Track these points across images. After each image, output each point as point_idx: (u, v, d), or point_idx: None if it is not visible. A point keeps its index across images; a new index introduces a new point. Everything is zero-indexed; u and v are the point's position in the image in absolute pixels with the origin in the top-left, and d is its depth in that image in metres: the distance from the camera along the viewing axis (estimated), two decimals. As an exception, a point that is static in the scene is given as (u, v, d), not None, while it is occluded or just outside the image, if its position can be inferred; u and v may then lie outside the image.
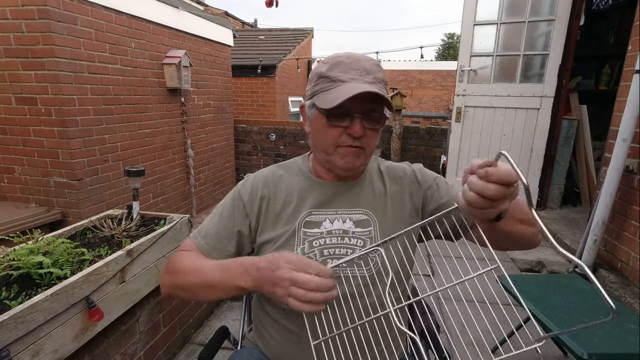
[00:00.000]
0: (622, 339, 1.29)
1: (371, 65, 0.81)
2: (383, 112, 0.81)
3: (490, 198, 0.53)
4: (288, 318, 0.84)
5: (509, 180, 0.52)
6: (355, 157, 0.82)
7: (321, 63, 0.84)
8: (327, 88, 0.79)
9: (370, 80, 0.78)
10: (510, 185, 0.52)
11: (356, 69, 0.79)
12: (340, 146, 0.81)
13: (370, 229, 0.85)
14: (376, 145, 0.87)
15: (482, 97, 3.67)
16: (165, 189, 3.77)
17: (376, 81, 0.79)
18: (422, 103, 15.00)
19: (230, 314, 2.21)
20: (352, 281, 0.81)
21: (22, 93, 2.58)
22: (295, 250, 0.82)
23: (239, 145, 5.66)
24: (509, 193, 0.53)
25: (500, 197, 0.53)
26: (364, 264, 0.82)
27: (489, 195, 0.52)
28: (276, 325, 0.86)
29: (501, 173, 0.52)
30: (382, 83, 0.81)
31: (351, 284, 0.81)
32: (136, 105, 3.28)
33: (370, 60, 0.82)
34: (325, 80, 0.80)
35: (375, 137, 0.83)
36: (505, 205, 0.55)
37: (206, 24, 4.26)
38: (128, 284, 1.42)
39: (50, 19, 2.43)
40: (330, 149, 0.82)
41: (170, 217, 1.78)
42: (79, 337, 1.20)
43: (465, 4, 3.56)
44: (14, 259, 1.23)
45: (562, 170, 3.60)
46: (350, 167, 0.83)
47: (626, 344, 1.26)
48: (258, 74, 6.96)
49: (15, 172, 2.76)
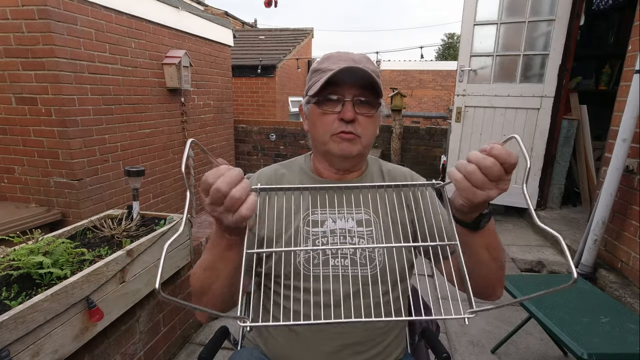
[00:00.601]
0: (622, 339, 1.29)
1: (360, 57, 0.85)
2: (375, 98, 0.83)
3: (485, 172, 0.53)
4: (288, 317, 0.84)
5: (508, 160, 0.52)
6: (350, 144, 0.82)
7: (314, 63, 0.88)
8: (317, 79, 0.82)
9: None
10: (507, 165, 0.53)
11: (345, 60, 0.82)
12: (335, 134, 0.82)
13: (371, 229, 0.85)
14: (374, 136, 0.88)
15: (482, 97, 3.67)
16: (165, 189, 3.77)
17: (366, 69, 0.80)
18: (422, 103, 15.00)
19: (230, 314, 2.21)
20: (352, 280, 0.81)
21: (22, 93, 2.58)
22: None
23: (239, 146, 5.66)
24: (503, 175, 0.53)
25: (495, 176, 0.53)
26: (368, 263, 0.83)
27: (485, 166, 0.53)
28: (277, 310, 0.85)
29: (502, 151, 0.53)
30: (373, 73, 0.81)
31: (357, 282, 0.82)
32: (136, 105, 3.28)
33: (360, 54, 0.86)
34: (316, 73, 0.84)
35: (370, 125, 0.84)
36: (493, 191, 0.55)
37: (206, 24, 4.26)
38: (128, 284, 1.42)
39: (50, 19, 2.43)
40: (326, 137, 0.83)
41: (170, 217, 1.78)
42: (79, 337, 1.20)
43: (465, 4, 3.56)
44: (14, 259, 1.23)
45: (562, 170, 3.60)
46: (347, 154, 0.83)
47: (626, 344, 1.26)
48: (258, 74, 6.95)
49: (16, 172, 2.76)
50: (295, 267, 0.82)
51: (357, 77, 0.79)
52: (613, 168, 2.24)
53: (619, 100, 2.40)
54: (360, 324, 0.83)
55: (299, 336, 0.83)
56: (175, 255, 1.75)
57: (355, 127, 0.81)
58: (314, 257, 0.83)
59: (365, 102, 0.82)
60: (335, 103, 0.82)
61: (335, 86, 0.81)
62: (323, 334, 0.82)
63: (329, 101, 0.82)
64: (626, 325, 1.37)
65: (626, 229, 2.25)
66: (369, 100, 0.82)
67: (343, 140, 0.82)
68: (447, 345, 1.96)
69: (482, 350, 1.93)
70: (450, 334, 2.05)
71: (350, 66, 0.78)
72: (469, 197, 0.55)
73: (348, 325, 0.83)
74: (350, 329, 0.82)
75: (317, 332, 0.82)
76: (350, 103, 0.81)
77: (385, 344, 0.86)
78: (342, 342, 0.82)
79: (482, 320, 2.14)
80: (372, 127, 0.85)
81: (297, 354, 0.84)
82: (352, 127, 0.81)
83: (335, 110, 0.82)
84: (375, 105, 0.84)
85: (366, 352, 0.83)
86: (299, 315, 0.82)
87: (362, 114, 0.82)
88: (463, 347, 1.95)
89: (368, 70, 0.78)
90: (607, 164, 2.34)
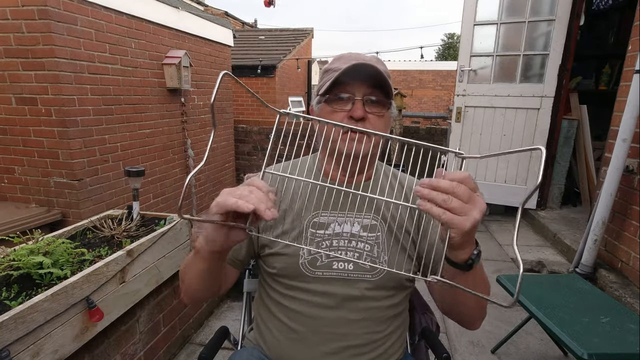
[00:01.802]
0: (622, 339, 1.29)
1: (372, 57, 0.85)
2: (386, 98, 0.82)
3: (455, 196, 0.52)
4: (290, 317, 0.84)
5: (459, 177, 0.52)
6: (359, 143, 0.80)
7: (326, 64, 0.89)
8: (328, 79, 0.82)
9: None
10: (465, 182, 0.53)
11: (356, 59, 0.81)
12: (345, 132, 0.80)
13: (377, 234, 0.85)
14: None
15: (482, 97, 3.67)
16: (165, 189, 3.77)
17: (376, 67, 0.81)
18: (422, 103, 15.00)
19: (230, 314, 2.21)
20: (356, 285, 0.82)
21: (22, 93, 2.58)
22: (302, 250, 0.83)
23: (239, 146, 5.66)
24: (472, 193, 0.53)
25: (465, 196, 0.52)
26: (370, 269, 0.82)
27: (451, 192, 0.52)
28: (278, 324, 0.86)
29: (450, 175, 0.53)
30: (384, 72, 0.81)
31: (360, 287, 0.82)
32: (136, 106, 3.28)
33: (372, 56, 0.87)
34: (327, 73, 0.84)
35: (381, 125, 0.83)
36: (475, 212, 0.53)
37: (206, 24, 4.26)
38: (128, 284, 1.42)
39: (50, 19, 2.43)
40: (335, 135, 0.81)
41: (171, 217, 1.78)
42: (79, 338, 1.20)
43: (465, 4, 3.56)
44: (14, 259, 1.23)
45: (562, 170, 3.60)
46: (356, 153, 0.80)
47: (626, 344, 1.26)
48: (258, 74, 6.95)
49: (16, 173, 2.76)
50: (298, 268, 0.82)
51: (367, 75, 0.79)
52: (613, 168, 2.24)
53: (619, 100, 2.40)
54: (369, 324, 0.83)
55: (299, 336, 0.83)
56: (175, 255, 1.75)
57: (365, 126, 0.80)
58: (316, 260, 0.82)
59: (375, 101, 0.82)
60: (346, 101, 0.82)
61: (346, 85, 0.81)
62: (324, 335, 0.82)
63: (339, 99, 0.82)
64: (626, 325, 1.37)
65: (626, 229, 2.25)
66: (380, 99, 0.82)
67: (352, 140, 0.80)
68: (447, 345, 1.96)
69: (482, 350, 1.93)
70: (450, 334, 2.05)
71: (360, 62, 0.78)
72: (458, 226, 0.52)
73: (349, 328, 0.82)
74: (351, 331, 0.82)
75: (318, 333, 0.82)
76: (360, 101, 0.81)
77: (386, 347, 0.85)
78: (343, 344, 0.82)
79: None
80: (382, 126, 0.84)
81: (297, 354, 0.84)
82: (362, 125, 0.80)
83: (345, 109, 0.82)
84: (386, 105, 0.84)
85: (366, 355, 0.83)
86: (302, 315, 0.82)
87: (372, 113, 0.82)
88: (463, 347, 1.95)
89: (379, 68, 0.78)
90: (607, 164, 2.34)
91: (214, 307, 2.24)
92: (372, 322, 0.83)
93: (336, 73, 0.79)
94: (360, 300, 0.81)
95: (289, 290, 0.84)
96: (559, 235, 3.03)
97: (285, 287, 0.85)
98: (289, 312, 0.84)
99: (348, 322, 0.82)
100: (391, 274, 0.81)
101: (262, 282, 0.92)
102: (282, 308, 0.86)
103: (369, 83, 0.80)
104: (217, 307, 2.25)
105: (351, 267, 0.82)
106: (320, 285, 0.82)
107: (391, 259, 0.83)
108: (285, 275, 0.84)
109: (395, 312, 0.87)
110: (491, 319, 2.15)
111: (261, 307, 0.92)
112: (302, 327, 0.83)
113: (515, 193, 3.67)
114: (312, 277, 0.82)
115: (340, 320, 0.82)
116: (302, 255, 0.83)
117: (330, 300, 0.82)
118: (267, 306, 0.89)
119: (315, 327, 0.82)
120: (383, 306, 0.84)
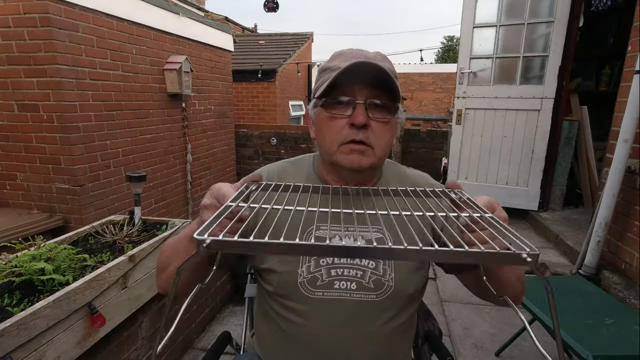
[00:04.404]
0: (627, 340, 1.28)
1: (375, 55, 0.75)
2: (392, 101, 0.72)
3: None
4: (289, 339, 0.79)
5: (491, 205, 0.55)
6: (361, 156, 0.71)
7: (323, 62, 0.80)
8: (326, 79, 0.72)
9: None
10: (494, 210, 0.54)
11: (357, 56, 0.72)
12: (344, 143, 0.72)
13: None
14: (389, 145, 0.76)
15: (482, 99, 3.67)
16: (166, 194, 3.78)
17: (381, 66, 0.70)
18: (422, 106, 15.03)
19: (232, 319, 2.20)
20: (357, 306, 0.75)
21: (24, 100, 2.60)
22: (301, 267, 0.75)
23: (240, 150, 5.67)
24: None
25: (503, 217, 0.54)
26: (376, 288, 0.75)
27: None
28: (277, 342, 0.81)
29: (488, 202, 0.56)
30: (389, 71, 0.70)
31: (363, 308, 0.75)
32: (137, 111, 3.29)
33: (375, 52, 0.76)
34: (325, 72, 0.74)
35: (386, 133, 0.73)
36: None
37: (207, 29, 4.29)
38: (130, 290, 1.42)
39: (52, 26, 2.44)
40: (333, 147, 0.73)
41: (172, 222, 1.78)
42: (81, 344, 1.20)
43: (465, 7, 3.57)
44: (17, 265, 1.23)
45: (563, 171, 3.59)
46: (356, 167, 0.72)
47: (631, 346, 1.25)
48: (258, 78, 6.99)
49: (18, 179, 2.77)
50: (297, 288, 0.74)
51: (370, 75, 0.69)
52: (615, 169, 2.23)
53: (620, 101, 2.40)
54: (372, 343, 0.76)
55: (299, 356, 0.78)
56: (177, 260, 1.74)
57: (367, 135, 0.71)
58: (316, 279, 0.75)
59: (380, 105, 0.71)
60: (345, 106, 0.71)
61: (345, 87, 0.70)
62: (325, 357, 0.76)
63: (338, 104, 0.72)
64: (631, 326, 1.36)
65: (629, 230, 2.24)
66: (385, 103, 0.72)
67: (353, 152, 0.71)
68: (451, 349, 1.95)
69: (486, 353, 1.92)
70: (454, 337, 2.03)
71: (362, 60, 0.68)
72: None
73: (352, 350, 0.76)
74: (354, 354, 0.76)
75: (318, 356, 0.76)
76: (362, 106, 0.70)
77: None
78: None
79: (485, 323, 2.13)
80: (387, 135, 0.74)
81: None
82: (364, 134, 0.70)
83: (345, 114, 0.71)
84: (392, 110, 0.73)
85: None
86: (301, 340, 0.76)
87: (376, 119, 0.71)
88: (467, 350, 1.93)
89: (384, 67, 0.68)
90: (608, 165, 2.33)
91: (216, 312, 2.23)
92: (378, 344, 0.77)
93: (334, 73, 0.69)
94: (365, 322, 0.75)
95: (287, 311, 0.77)
96: (561, 236, 3.01)
97: (284, 307, 0.77)
98: (287, 336, 0.78)
99: (351, 345, 0.75)
100: (398, 292, 0.75)
101: (260, 295, 0.85)
102: (279, 330, 0.79)
103: (373, 84, 0.70)
104: (219, 312, 2.25)
105: (354, 287, 0.74)
106: (321, 307, 0.75)
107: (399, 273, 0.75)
108: (282, 295, 0.77)
109: (402, 330, 0.80)
110: (494, 322, 2.14)
111: (261, 322, 0.86)
112: (302, 349, 0.77)
113: (517, 195, 3.66)
114: (312, 298, 0.74)
115: (342, 342, 0.75)
116: (301, 274, 0.75)
117: (331, 323, 0.75)
118: (266, 321, 0.84)
119: (316, 350, 0.76)
120: (389, 327, 0.77)
